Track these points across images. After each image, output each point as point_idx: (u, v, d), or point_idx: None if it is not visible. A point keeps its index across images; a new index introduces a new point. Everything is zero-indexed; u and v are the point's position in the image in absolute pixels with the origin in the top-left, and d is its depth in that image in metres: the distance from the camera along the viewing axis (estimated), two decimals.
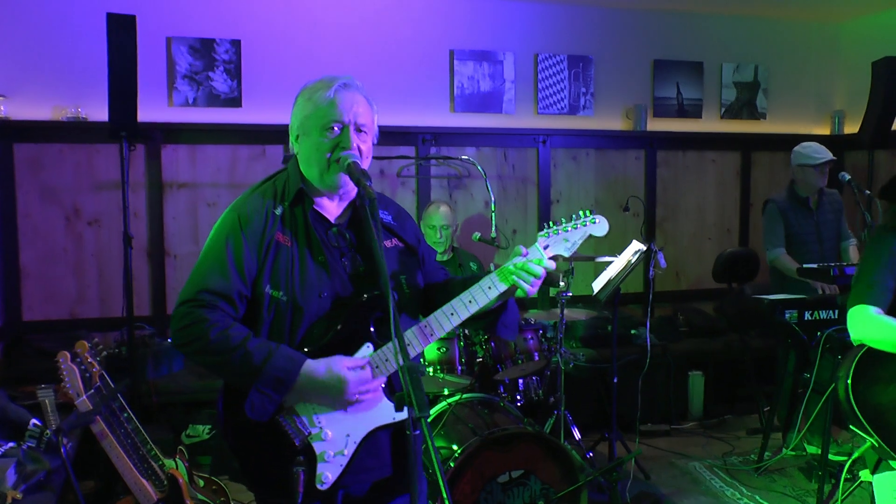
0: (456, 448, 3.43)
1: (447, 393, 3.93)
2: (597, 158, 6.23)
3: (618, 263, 4.47)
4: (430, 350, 4.08)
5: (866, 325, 2.74)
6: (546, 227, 2.17)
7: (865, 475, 2.94)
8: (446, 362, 4.14)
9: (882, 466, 2.84)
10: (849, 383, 2.71)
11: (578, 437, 4.54)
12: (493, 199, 4.81)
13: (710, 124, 6.51)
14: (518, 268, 2.10)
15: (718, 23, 6.48)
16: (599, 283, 4.55)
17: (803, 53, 6.77)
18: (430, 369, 4.12)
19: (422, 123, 5.73)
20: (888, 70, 5.42)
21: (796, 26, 6.71)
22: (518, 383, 4.32)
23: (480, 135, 5.89)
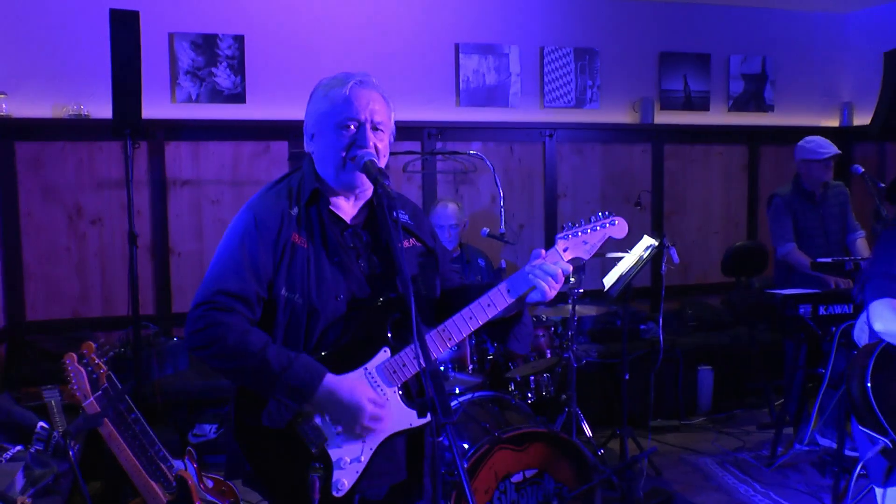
0: (468, 447, 3.40)
1: (458, 391, 3.90)
2: (603, 152, 6.18)
3: (629, 259, 4.44)
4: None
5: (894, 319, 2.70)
6: (565, 228, 2.13)
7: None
8: (458, 360, 4.11)
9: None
10: (868, 386, 2.67)
11: (589, 433, 4.51)
12: (502, 194, 4.75)
13: (718, 117, 6.46)
14: (536, 269, 2.06)
15: (726, 14, 6.42)
16: (611, 278, 4.51)
17: (811, 45, 6.70)
18: (442, 367, 4.08)
19: (427, 118, 5.67)
20: None
21: (804, 17, 6.65)
22: (529, 381, 4.30)
23: (486, 129, 5.84)
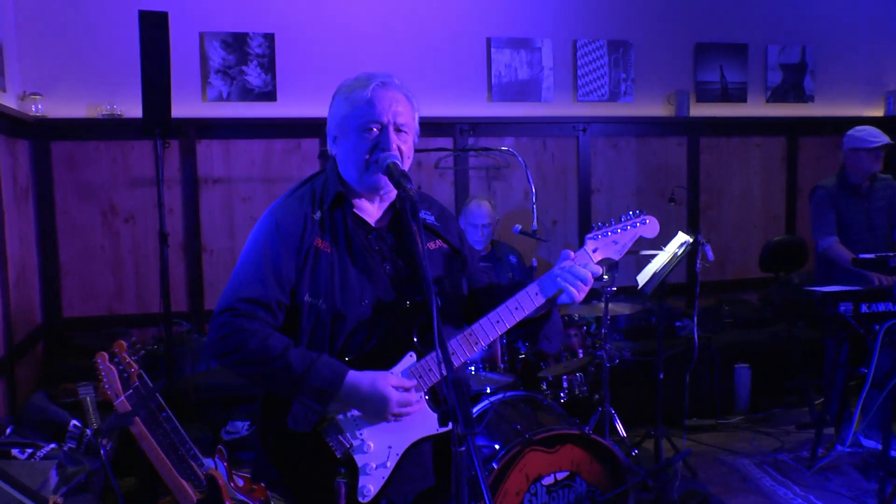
0: (499, 448, 3.38)
1: (489, 391, 3.88)
2: (638, 146, 6.08)
3: (663, 256, 4.38)
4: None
5: None
6: (595, 228, 2.11)
7: None
8: (488, 360, 4.11)
9: None
10: None
11: (623, 433, 4.45)
12: (534, 190, 4.71)
13: (755, 108, 6.31)
14: (565, 272, 2.03)
15: (763, 3, 6.26)
16: (644, 276, 4.46)
17: (855, 31, 6.50)
18: (472, 367, 4.07)
19: (459, 114, 5.62)
20: None
21: (845, 3, 6.46)
22: (562, 380, 4.26)
23: (519, 124, 5.78)
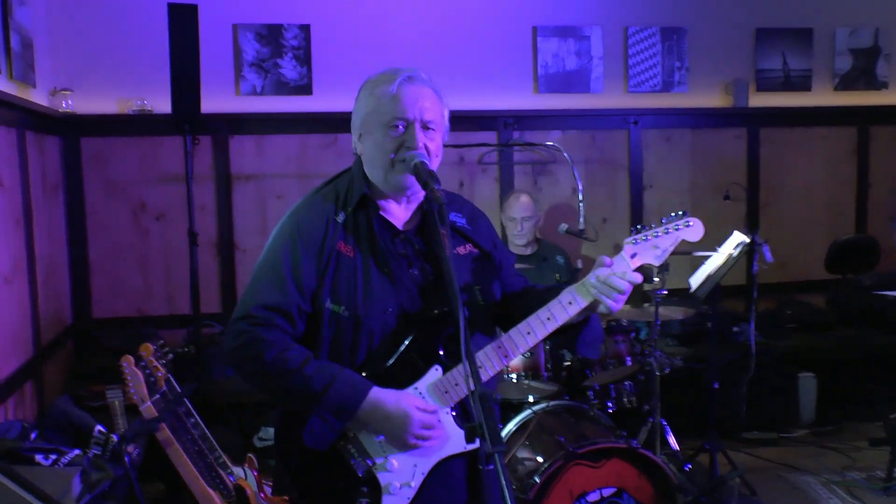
0: (542, 461, 3.24)
1: (532, 400, 3.72)
2: (693, 139, 5.78)
3: (718, 258, 4.15)
4: None
5: None
6: (634, 231, 2.03)
7: None
8: (531, 367, 3.97)
9: None
10: None
11: (675, 447, 4.20)
12: (581, 187, 4.50)
13: (822, 97, 5.93)
14: (601, 281, 1.93)
15: None
16: (697, 278, 4.25)
17: None
18: (514, 375, 3.93)
19: (503, 107, 5.41)
20: None
21: None
22: (609, 389, 4.07)
23: (566, 117, 5.54)
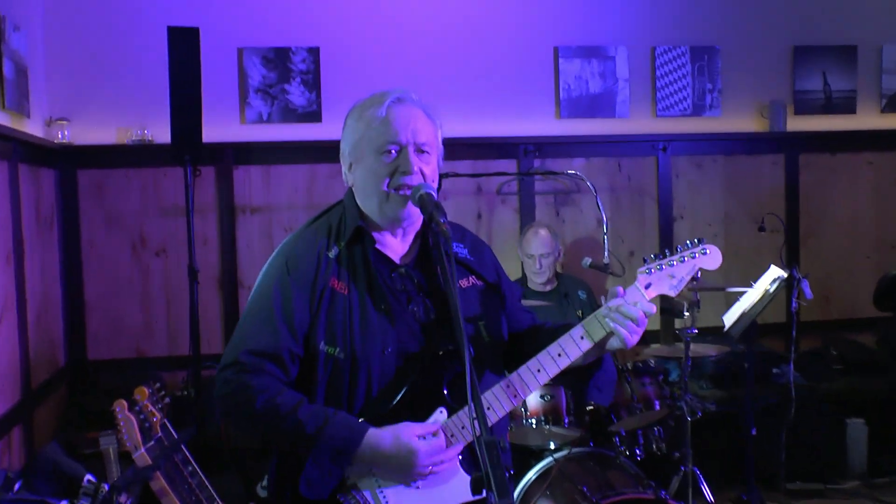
0: None
1: (553, 447, 3.54)
2: (726, 166, 5.50)
3: (753, 294, 3.98)
4: (533, 398, 3.65)
5: None
6: (647, 260, 1.95)
7: None
8: (551, 411, 3.71)
9: None
10: None
11: (710, 498, 3.93)
12: (605, 218, 4.25)
13: (867, 120, 5.62)
14: (613, 311, 1.86)
15: None
16: (731, 316, 4.07)
17: None
18: (533, 420, 3.68)
19: (523, 133, 5.18)
20: None
21: None
22: (637, 435, 3.83)
23: (590, 143, 5.31)
